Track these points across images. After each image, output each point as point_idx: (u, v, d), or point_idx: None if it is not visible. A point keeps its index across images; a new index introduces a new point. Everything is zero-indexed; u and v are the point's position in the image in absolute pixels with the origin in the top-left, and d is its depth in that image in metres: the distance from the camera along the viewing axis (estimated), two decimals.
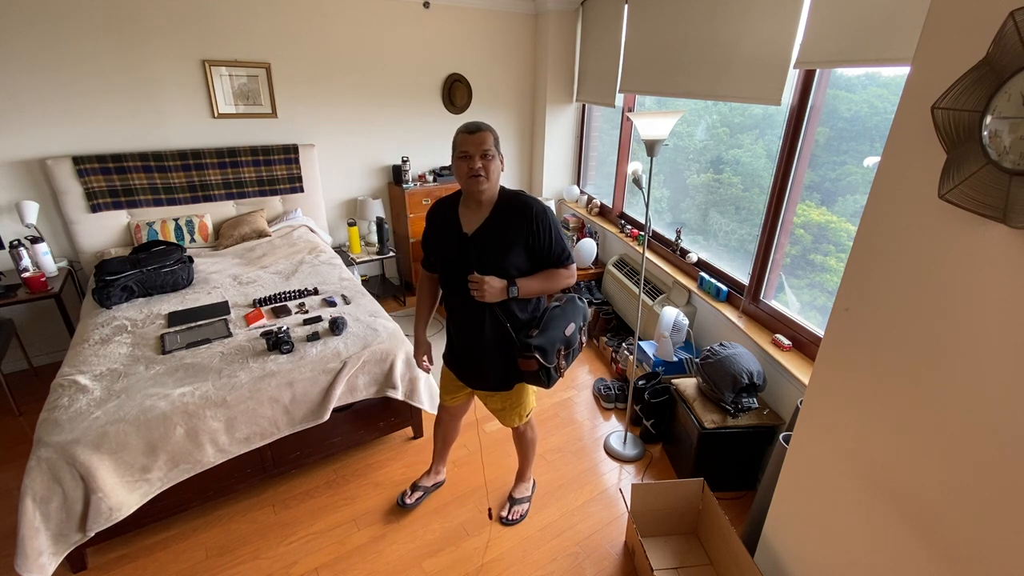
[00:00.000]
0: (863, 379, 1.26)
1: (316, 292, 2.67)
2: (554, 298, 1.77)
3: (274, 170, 3.45)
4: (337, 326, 2.27)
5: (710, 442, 2.15)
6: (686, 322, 2.64)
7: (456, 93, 4.04)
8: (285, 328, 2.25)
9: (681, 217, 3.32)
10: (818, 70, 2.11)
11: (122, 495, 1.77)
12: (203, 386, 1.93)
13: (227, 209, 3.41)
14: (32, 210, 2.80)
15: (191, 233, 3.24)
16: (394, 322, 2.44)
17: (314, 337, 2.23)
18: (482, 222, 1.58)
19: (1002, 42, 0.86)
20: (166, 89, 3.09)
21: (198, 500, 2.05)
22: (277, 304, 2.54)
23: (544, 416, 2.80)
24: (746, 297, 2.58)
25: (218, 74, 3.19)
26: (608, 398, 2.88)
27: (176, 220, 3.18)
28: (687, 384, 2.38)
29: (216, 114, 3.26)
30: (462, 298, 1.62)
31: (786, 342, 2.25)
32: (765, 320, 2.45)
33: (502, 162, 1.58)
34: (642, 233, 3.44)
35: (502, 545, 2.04)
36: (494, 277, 1.54)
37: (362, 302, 2.59)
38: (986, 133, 0.88)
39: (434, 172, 4.06)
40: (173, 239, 3.14)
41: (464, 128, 1.52)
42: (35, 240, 2.77)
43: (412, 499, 2.17)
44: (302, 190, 3.59)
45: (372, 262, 4.07)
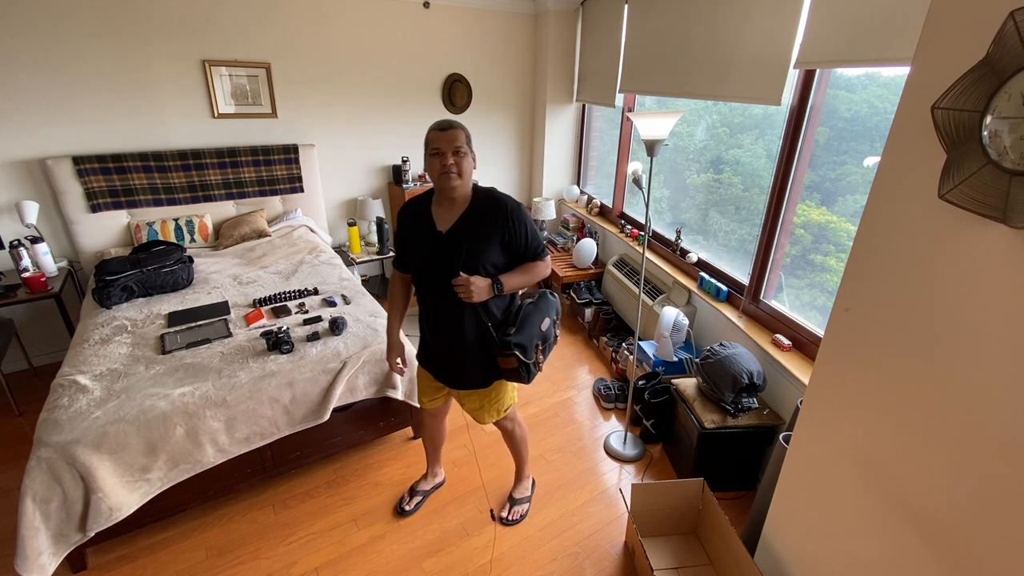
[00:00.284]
0: (863, 379, 1.26)
1: (316, 292, 2.67)
2: (527, 294, 1.78)
3: (274, 170, 3.45)
4: (337, 326, 2.27)
5: (710, 442, 2.15)
6: (686, 322, 2.64)
7: (456, 93, 4.04)
8: (285, 328, 2.25)
9: (681, 217, 3.32)
10: (818, 70, 2.11)
11: (122, 495, 1.77)
12: (203, 386, 1.93)
13: (227, 209, 3.41)
14: (32, 210, 2.80)
15: (191, 233, 3.24)
16: None
17: (314, 337, 2.23)
18: (456, 220, 1.57)
19: (1002, 42, 0.86)
20: (166, 89, 3.09)
21: (198, 500, 2.05)
22: (277, 304, 2.54)
23: (544, 416, 2.80)
24: (746, 297, 2.58)
25: (218, 74, 3.19)
26: (608, 398, 2.88)
27: (176, 220, 3.18)
28: (687, 384, 2.38)
29: (216, 114, 3.26)
30: (439, 298, 1.62)
31: (786, 342, 2.25)
32: (765, 320, 2.45)
33: (474, 160, 1.58)
34: (642, 233, 3.44)
35: (502, 545, 2.04)
36: (479, 277, 1.54)
37: (362, 302, 2.59)
38: (986, 133, 0.88)
39: None
40: (173, 239, 3.14)
41: (436, 126, 1.52)
42: (35, 240, 2.77)
43: (411, 505, 2.17)
44: (302, 190, 3.59)
45: (372, 262, 4.07)
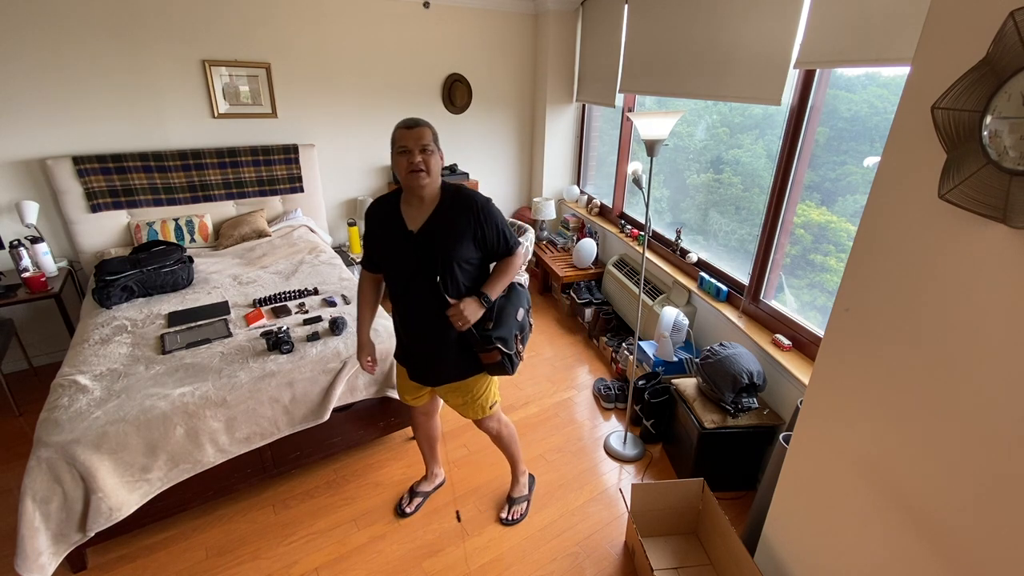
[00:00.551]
0: (863, 379, 1.26)
1: (316, 292, 2.67)
2: None
3: (274, 170, 3.45)
4: (337, 326, 2.27)
5: (710, 442, 2.15)
6: (686, 322, 2.64)
7: (456, 93, 4.04)
8: (285, 328, 2.25)
9: (681, 217, 3.32)
10: (818, 70, 2.11)
11: (122, 495, 1.77)
12: (203, 386, 1.93)
13: (227, 209, 3.41)
14: (32, 210, 2.80)
15: (191, 233, 3.24)
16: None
17: (314, 337, 2.22)
18: (427, 218, 1.57)
19: (1002, 42, 0.86)
20: (166, 89, 3.09)
21: (198, 500, 2.05)
22: (277, 304, 2.54)
23: (544, 416, 2.80)
24: (746, 297, 2.58)
25: (218, 74, 3.19)
26: (608, 398, 2.88)
27: (176, 220, 3.18)
28: (687, 384, 2.38)
29: (216, 114, 3.26)
30: (415, 298, 1.61)
31: (786, 342, 2.25)
32: (765, 320, 2.45)
33: (442, 157, 1.58)
34: (642, 233, 3.44)
35: (502, 545, 2.04)
36: (468, 300, 1.56)
37: None
38: (986, 133, 0.88)
39: None
40: (173, 239, 3.14)
41: (402, 124, 1.51)
42: (35, 240, 2.77)
43: (411, 507, 2.17)
44: (302, 190, 3.59)
45: None
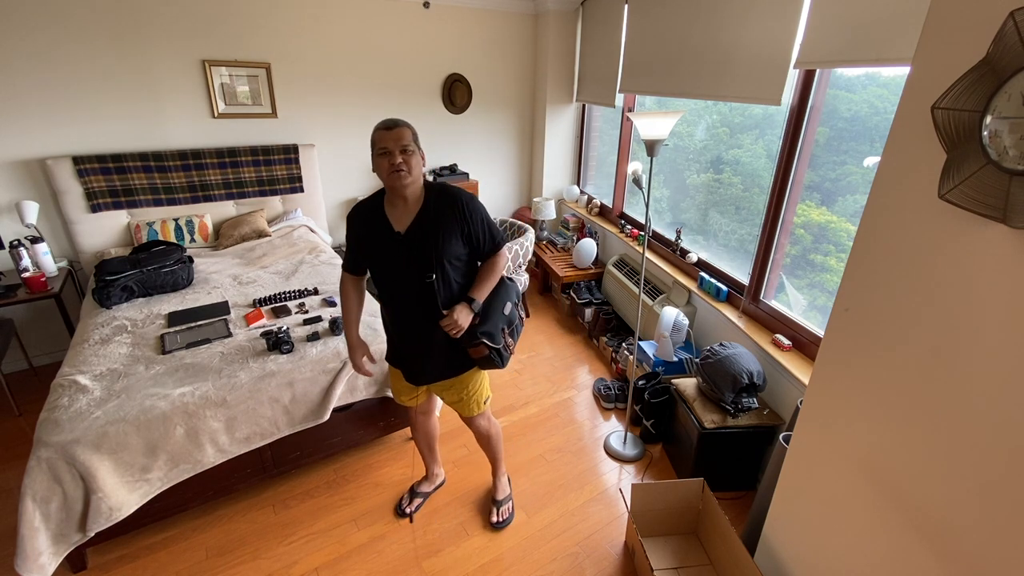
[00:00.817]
0: (863, 379, 1.26)
1: (316, 292, 2.67)
2: None
3: (274, 170, 3.45)
4: (337, 326, 2.27)
5: (710, 442, 2.15)
6: (686, 322, 2.64)
7: (456, 93, 4.04)
8: (285, 328, 2.25)
9: (681, 217, 3.32)
10: (818, 70, 2.11)
11: (122, 495, 1.77)
12: (203, 386, 1.93)
13: (227, 209, 3.41)
14: (32, 210, 2.80)
15: (191, 233, 3.24)
16: None
17: (314, 337, 2.22)
18: (413, 218, 1.57)
19: (1002, 42, 0.86)
20: (166, 89, 3.09)
21: (198, 500, 2.05)
22: (277, 304, 2.54)
23: (544, 416, 2.80)
24: (746, 297, 2.58)
25: (218, 74, 3.19)
26: (608, 398, 2.88)
27: (176, 220, 3.18)
28: (687, 384, 2.38)
29: (216, 114, 3.26)
30: (405, 299, 1.62)
31: (786, 342, 2.25)
32: (765, 320, 2.45)
33: (423, 157, 1.58)
34: (642, 233, 3.44)
35: (502, 545, 2.04)
36: (458, 308, 1.57)
37: None
38: (986, 133, 0.88)
39: (434, 172, 4.06)
40: (173, 239, 3.14)
41: (381, 125, 1.51)
42: (35, 240, 2.77)
43: (412, 507, 2.17)
44: (302, 190, 3.59)
45: None
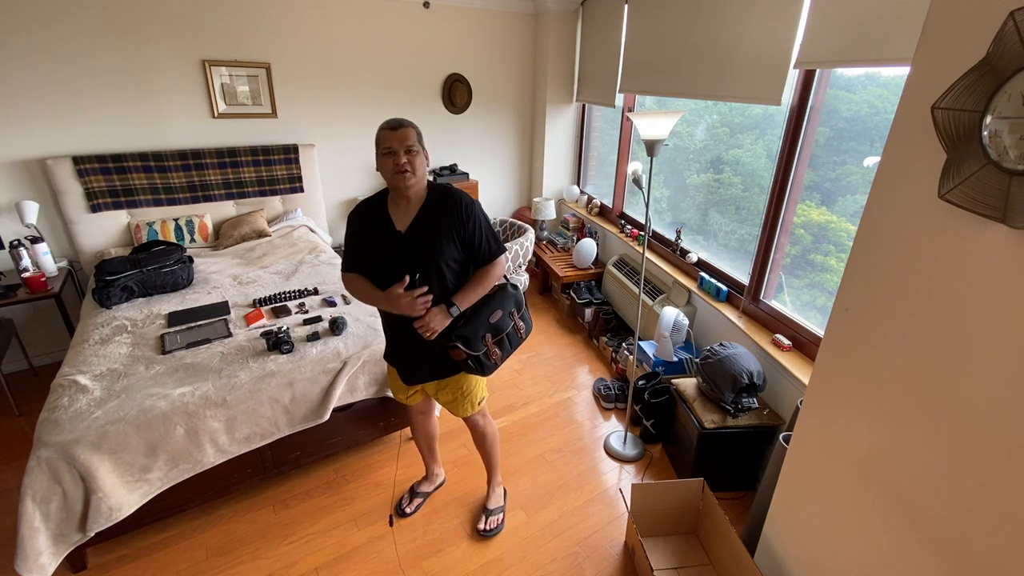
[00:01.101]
0: (863, 379, 1.26)
1: (316, 292, 2.67)
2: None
3: (274, 170, 3.45)
4: (337, 326, 2.27)
5: (710, 442, 2.15)
6: (686, 322, 2.64)
7: (456, 93, 4.04)
8: (285, 328, 2.25)
9: (681, 217, 3.32)
10: (818, 70, 2.11)
11: (122, 495, 1.77)
12: (203, 386, 1.93)
13: (227, 209, 3.41)
14: (32, 210, 2.80)
15: (191, 233, 3.24)
16: None
17: (314, 337, 2.22)
18: (414, 218, 1.58)
19: (1002, 42, 0.86)
20: (166, 89, 3.09)
21: (198, 500, 2.05)
22: (277, 304, 2.54)
23: (544, 416, 2.80)
24: (746, 297, 2.58)
25: (218, 74, 3.19)
26: (608, 398, 2.88)
27: (176, 220, 3.18)
28: (687, 384, 2.38)
29: (216, 114, 3.26)
30: None
31: (786, 342, 2.25)
32: (765, 320, 2.45)
33: (427, 158, 1.58)
34: (642, 233, 3.44)
35: (502, 545, 2.04)
36: (434, 310, 1.57)
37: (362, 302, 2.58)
38: (986, 133, 0.88)
39: (434, 172, 4.06)
40: (173, 239, 3.14)
41: (386, 124, 1.51)
42: (35, 240, 2.77)
43: (411, 507, 2.17)
44: (302, 190, 3.59)
45: None
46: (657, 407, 2.52)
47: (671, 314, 2.62)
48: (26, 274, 2.68)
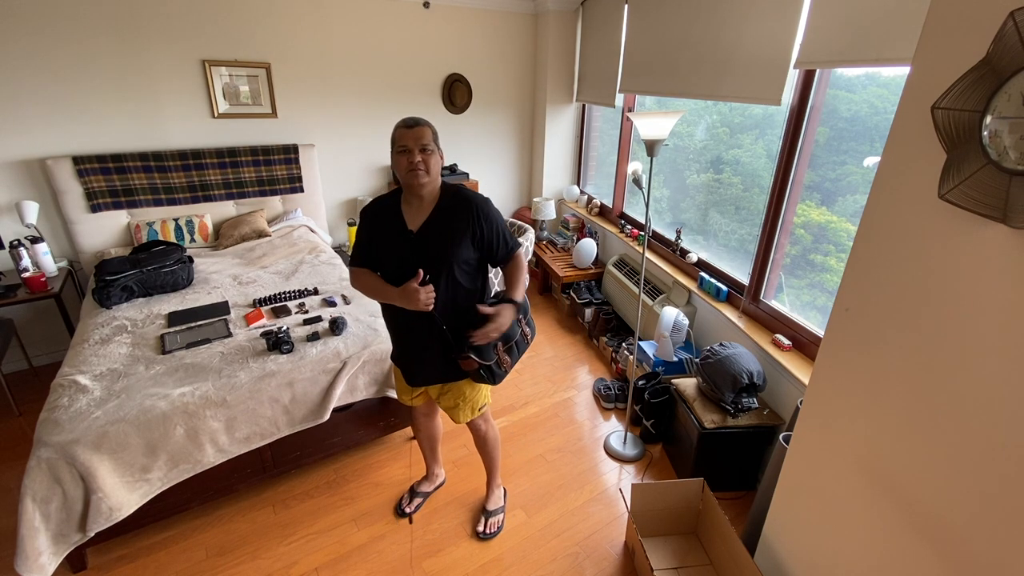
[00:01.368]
0: (863, 379, 1.26)
1: (316, 292, 2.67)
2: (489, 295, 1.76)
3: (274, 170, 3.45)
4: (337, 326, 2.27)
5: (710, 442, 2.15)
6: (686, 322, 2.64)
7: (456, 93, 4.04)
8: (285, 328, 2.25)
9: (681, 217, 3.32)
10: (818, 70, 2.11)
11: (122, 495, 1.77)
12: (203, 386, 1.93)
13: (227, 209, 3.41)
14: (32, 210, 2.80)
15: (191, 233, 3.24)
16: None
17: (314, 337, 2.22)
18: (427, 217, 1.57)
19: (1002, 42, 0.86)
20: (166, 89, 3.09)
21: (198, 500, 2.05)
22: (277, 304, 2.54)
23: (544, 416, 2.80)
24: (746, 297, 2.58)
25: (218, 74, 3.19)
26: (608, 398, 2.88)
27: (176, 220, 3.18)
28: (687, 384, 2.38)
29: (216, 114, 3.26)
30: None
31: (786, 342, 2.25)
32: (765, 320, 2.45)
33: (442, 157, 1.57)
34: (642, 233, 3.44)
35: (502, 545, 2.04)
36: (505, 310, 1.58)
37: (362, 302, 2.58)
38: (986, 133, 0.88)
39: None
40: (173, 239, 3.14)
41: (402, 123, 1.51)
42: (35, 240, 2.77)
43: (411, 507, 2.17)
44: (302, 190, 3.59)
45: None
46: (657, 407, 2.52)
47: (671, 314, 2.62)
48: (26, 274, 2.68)
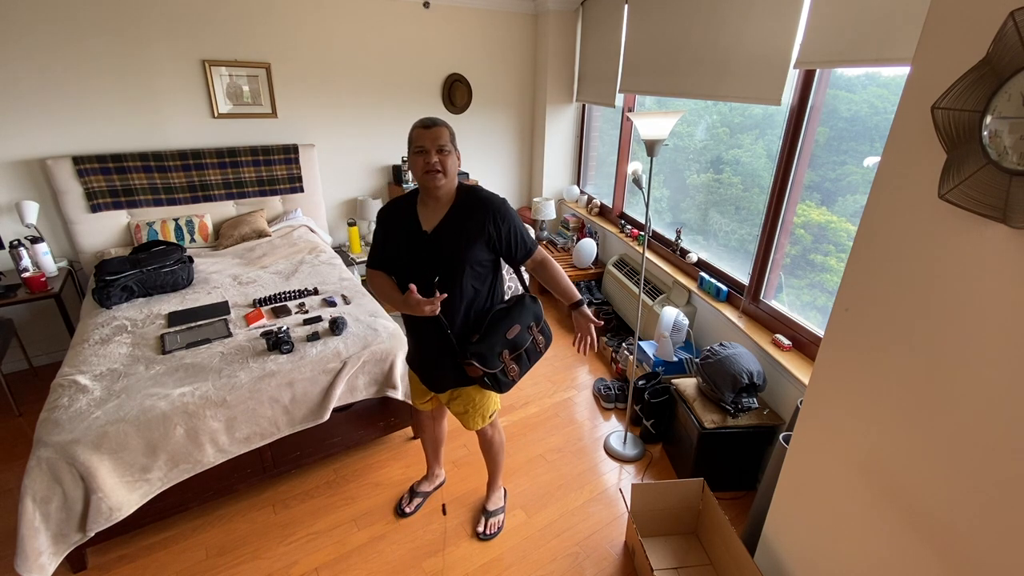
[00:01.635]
0: (863, 379, 1.26)
1: (316, 292, 2.67)
2: (500, 300, 1.74)
3: (274, 170, 3.45)
4: (337, 326, 2.27)
5: (710, 442, 2.15)
6: (686, 322, 2.64)
7: (456, 93, 4.04)
8: (285, 328, 2.25)
9: (681, 217, 3.32)
10: (818, 70, 2.11)
11: (122, 495, 1.77)
12: (203, 386, 1.93)
13: (227, 209, 3.41)
14: (32, 210, 2.80)
15: (191, 233, 3.24)
16: (394, 322, 2.44)
17: (314, 337, 2.22)
18: (442, 219, 1.56)
19: (1002, 42, 0.86)
20: (166, 89, 3.09)
21: (198, 500, 2.05)
22: (277, 304, 2.54)
23: (544, 416, 2.80)
24: (746, 297, 2.58)
25: (218, 74, 3.19)
26: (608, 398, 2.88)
27: (176, 220, 3.18)
28: (687, 384, 2.38)
29: (216, 114, 3.26)
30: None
31: (786, 342, 2.25)
32: (765, 320, 2.45)
33: (459, 158, 1.56)
34: (642, 233, 3.44)
35: (502, 545, 2.04)
36: (581, 318, 1.66)
37: (362, 302, 2.59)
38: (986, 133, 0.88)
39: None
40: (173, 239, 3.14)
41: (419, 123, 1.50)
42: (35, 240, 2.77)
43: (411, 507, 2.17)
44: (302, 190, 3.59)
45: None
46: (657, 407, 2.52)
47: (671, 314, 2.62)
48: (26, 274, 2.68)
